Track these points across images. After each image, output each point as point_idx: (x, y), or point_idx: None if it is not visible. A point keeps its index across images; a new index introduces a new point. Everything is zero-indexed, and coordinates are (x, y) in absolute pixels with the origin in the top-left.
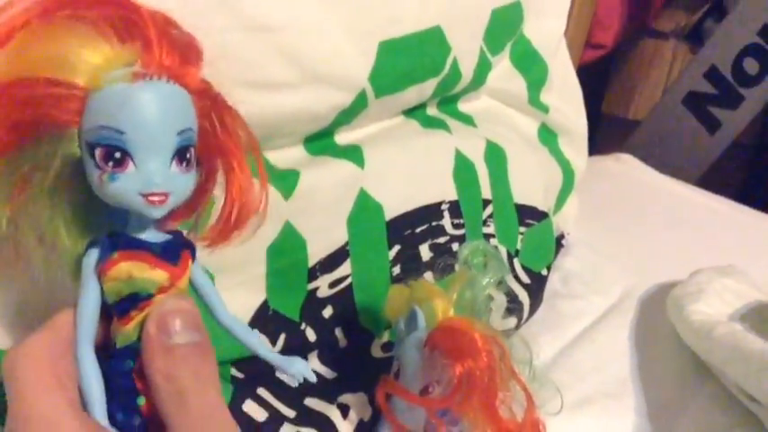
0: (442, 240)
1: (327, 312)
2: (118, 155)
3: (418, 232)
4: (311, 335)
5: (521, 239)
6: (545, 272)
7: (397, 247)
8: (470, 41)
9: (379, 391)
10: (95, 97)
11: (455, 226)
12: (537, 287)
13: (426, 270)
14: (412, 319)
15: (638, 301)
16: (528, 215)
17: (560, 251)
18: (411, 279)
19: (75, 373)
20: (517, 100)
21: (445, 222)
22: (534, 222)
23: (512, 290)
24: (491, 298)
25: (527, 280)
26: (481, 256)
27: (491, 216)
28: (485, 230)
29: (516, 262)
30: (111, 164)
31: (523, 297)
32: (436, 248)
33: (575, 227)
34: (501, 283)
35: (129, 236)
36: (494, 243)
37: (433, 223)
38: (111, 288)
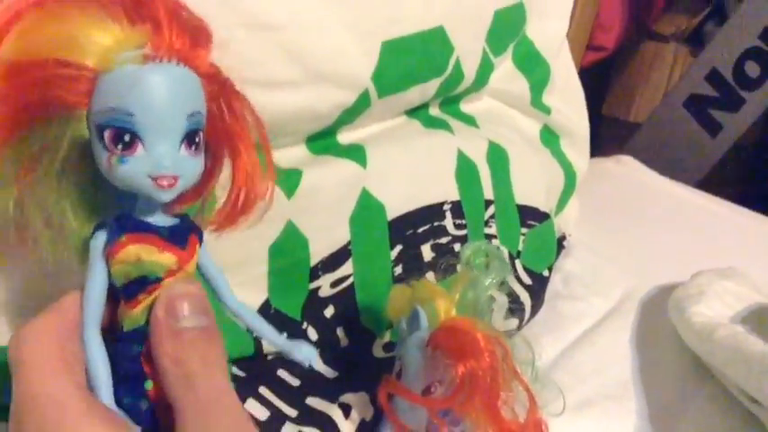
0: (443, 241)
1: (329, 312)
2: (127, 137)
3: (420, 232)
4: (313, 334)
5: (522, 240)
6: (546, 273)
7: (399, 247)
8: (473, 42)
9: (381, 391)
10: (105, 79)
11: (457, 226)
12: (538, 288)
13: (428, 270)
14: (414, 319)
15: (638, 303)
16: (530, 216)
17: (561, 252)
18: (413, 279)
19: (81, 355)
20: (519, 101)
21: (447, 223)
22: (536, 223)
23: (513, 291)
24: (493, 299)
25: (528, 281)
26: (483, 256)
27: (493, 217)
28: (486, 231)
29: (518, 263)
30: (120, 146)
31: (525, 298)
32: (438, 249)
33: (576, 228)
34: (503, 283)
35: (137, 219)
36: (495, 244)
37: (435, 223)
38: (120, 271)
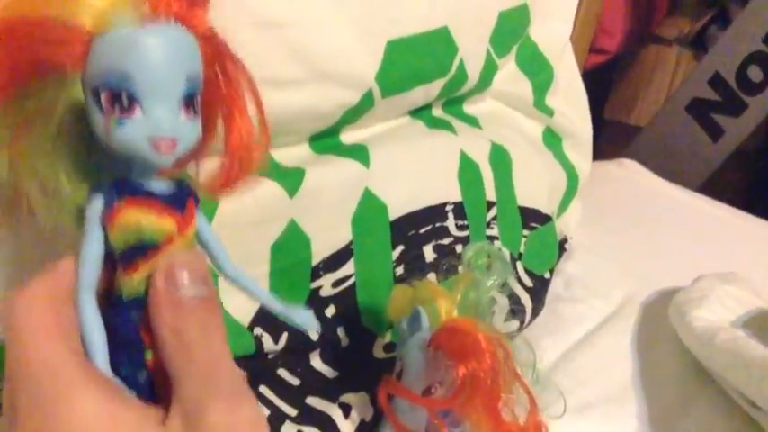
0: (445, 241)
1: (330, 311)
2: (125, 99)
3: (422, 233)
4: (313, 334)
5: (524, 242)
6: (548, 275)
7: (401, 248)
8: (477, 43)
9: (382, 391)
10: (101, 41)
11: (459, 227)
12: (539, 290)
13: (430, 271)
14: (415, 320)
15: (639, 307)
16: (532, 218)
17: (563, 255)
18: (414, 279)
19: (77, 321)
20: (522, 103)
21: (449, 223)
22: (538, 225)
23: (514, 292)
24: (494, 300)
25: (530, 283)
26: (485, 257)
27: (495, 218)
28: (488, 232)
29: (519, 265)
30: (117, 109)
31: (526, 300)
32: (440, 249)
33: (577, 231)
34: (504, 285)
35: (135, 183)
36: (497, 245)
37: (437, 224)
38: (118, 236)
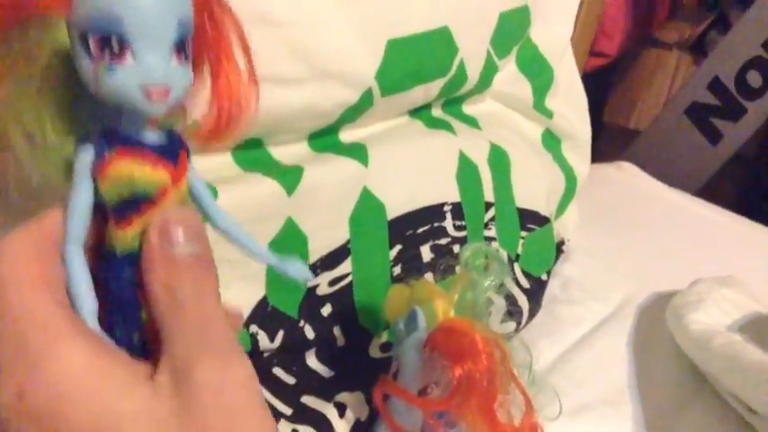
0: (443, 242)
1: (326, 310)
2: (115, 44)
3: (420, 233)
4: (309, 332)
5: (522, 244)
6: (545, 277)
7: (399, 247)
8: (478, 43)
9: (377, 391)
10: None
11: (457, 228)
12: (536, 292)
13: (427, 271)
14: (412, 320)
15: (636, 309)
16: (530, 220)
17: (560, 257)
18: (412, 279)
19: (63, 273)
20: (522, 104)
21: (447, 224)
22: (536, 227)
23: (511, 293)
24: (491, 301)
25: (527, 284)
26: (483, 258)
27: (493, 219)
28: (486, 233)
29: (516, 266)
30: (107, 54)
31: (523, 301)
32: (437, 249)
33: (575, 233)
34: (502, 286)
35: (126, 134)
36: (495, 246)
37: (435, 224)
38: (110, 189)
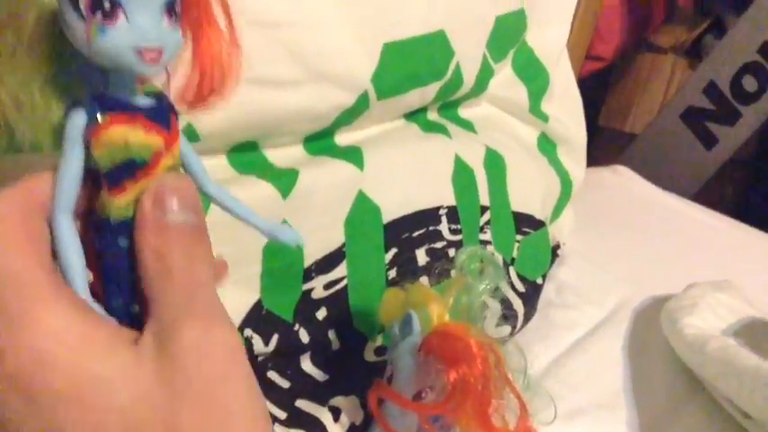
0: (438, 245)
1: (321, 314)
2: (107, 4)
3: (415, 236)
4: (304, 336)
5: (517, 247)
6: (540, 281)
7: (394, 251)
8: (474, 47)
9: (372, 395)
10: None
11: (452, 231)
12: (532, 296)
13: (422, 274)
14: (407, 324)
15: (631, 313)
16: (525, 223)
17: (555, 261)
18: (407, 283)
19: (47, 236)
20: (518, 108)
21: (442, 227)
22: (531, 231)
23: (507, 297)
24: (486, 305)
25: (522, 288)
26: (478, 261)
27: (488, 223)
28: (481, 237)
29: (512, 270)
30: (99, 14)
31: (518, 305)
32: (433, 253)
33: (570, 237)
34: (497, 289)
35: (117, 98)
36: (490, 250)
37: (431, 228)
38: (104, 153)
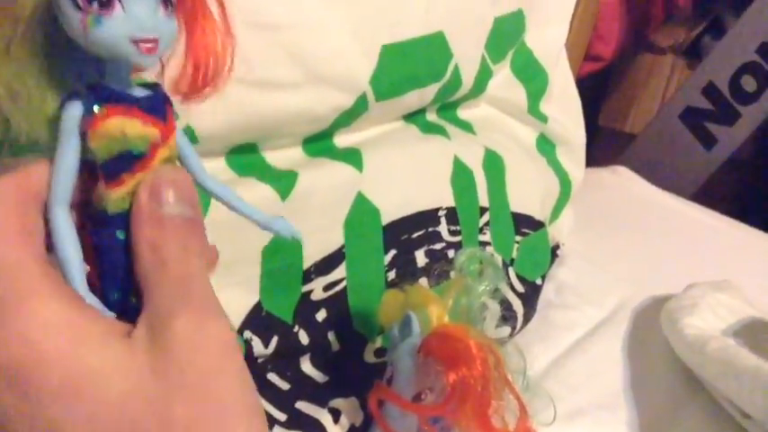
0: (438, 246)
1: (321, 315)
2: None
3: (415, 238)
4: (304, 338)
5: (516, 248)
6: (540, 281)
7: (393, 252)
8: (472, 48)
9: (372, 397)
10: None
11: (451, 233)
12: (531, 296)
13: (422, 276)
14: (406, 325)
15: (631, 314)
16: (524, 224)
17: (555, 261)
18: (406, 284)
19: (41, 226)
20: (517, 109)
21: (442, 229)
22: (530, 232)
23: (506, 298)
24: (485, 306)
25: (521, 289)
26: (477, 263)
27: (487, 224)
28: (481, 238)
29: (511, 271)
30: (96, 4)
31: (517, 306)
32: (432, 254)
33: (569, 238)
34: (496, 290)
35: (114, 89)
36: (489, 251)
37: (430, 229)
38: (101, 145)
